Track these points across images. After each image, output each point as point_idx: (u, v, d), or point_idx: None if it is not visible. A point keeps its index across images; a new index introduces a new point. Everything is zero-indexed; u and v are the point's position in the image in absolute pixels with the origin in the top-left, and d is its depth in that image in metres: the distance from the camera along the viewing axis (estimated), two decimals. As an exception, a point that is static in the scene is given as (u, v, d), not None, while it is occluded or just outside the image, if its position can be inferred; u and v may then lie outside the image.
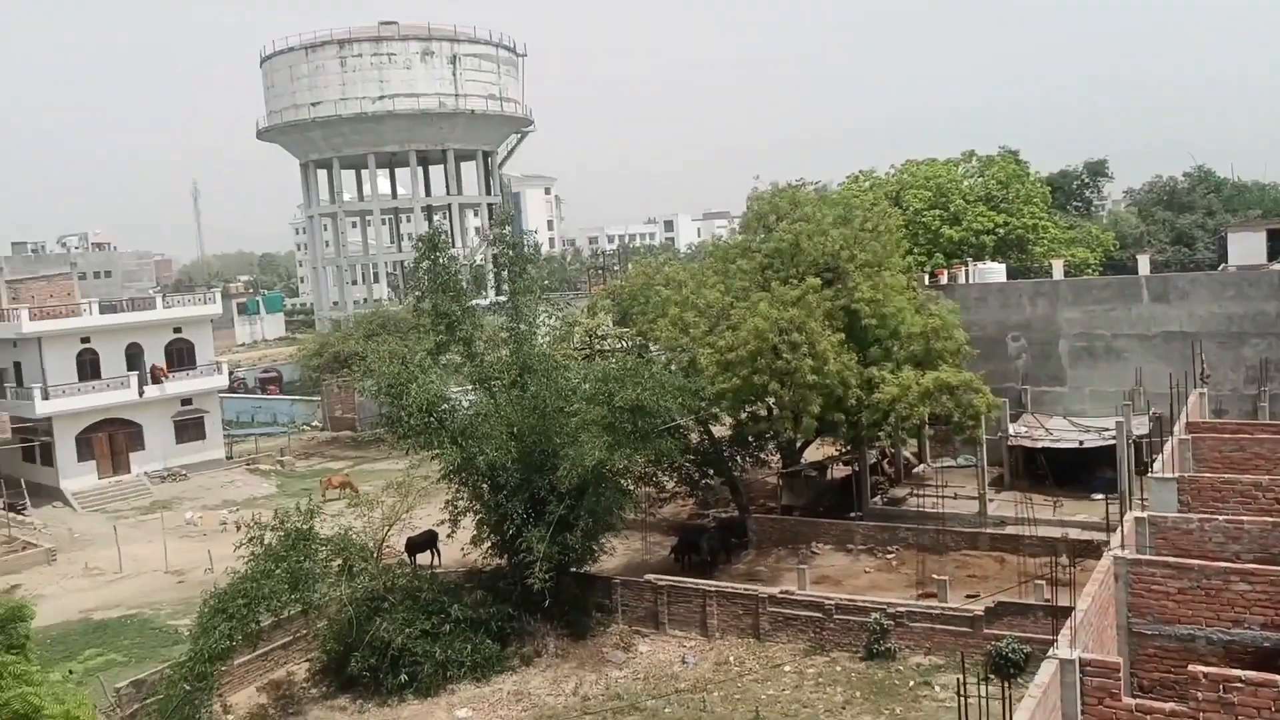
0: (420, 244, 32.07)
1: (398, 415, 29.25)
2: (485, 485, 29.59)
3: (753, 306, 31.87)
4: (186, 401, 55.10)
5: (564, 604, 28.84)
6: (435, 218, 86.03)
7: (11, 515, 45.90)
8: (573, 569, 30.01)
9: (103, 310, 53.70)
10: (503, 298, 33.35)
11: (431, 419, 28.91)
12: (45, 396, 49.86)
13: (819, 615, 27.67)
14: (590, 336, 37.29)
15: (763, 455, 40.86)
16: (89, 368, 52.33)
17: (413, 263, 34.59)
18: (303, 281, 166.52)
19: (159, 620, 33.20)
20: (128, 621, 33.17)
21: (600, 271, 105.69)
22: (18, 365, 52.53)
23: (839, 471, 40.86)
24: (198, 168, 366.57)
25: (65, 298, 58.11)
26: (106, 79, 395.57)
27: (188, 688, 22.94)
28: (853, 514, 36.23)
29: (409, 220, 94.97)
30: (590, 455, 26.43)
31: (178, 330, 55.70)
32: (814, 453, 40.63)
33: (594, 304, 42.11)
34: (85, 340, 52.25)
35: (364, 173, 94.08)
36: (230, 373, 67.17)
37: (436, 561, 34.82)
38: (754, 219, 38.86)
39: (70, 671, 27.64)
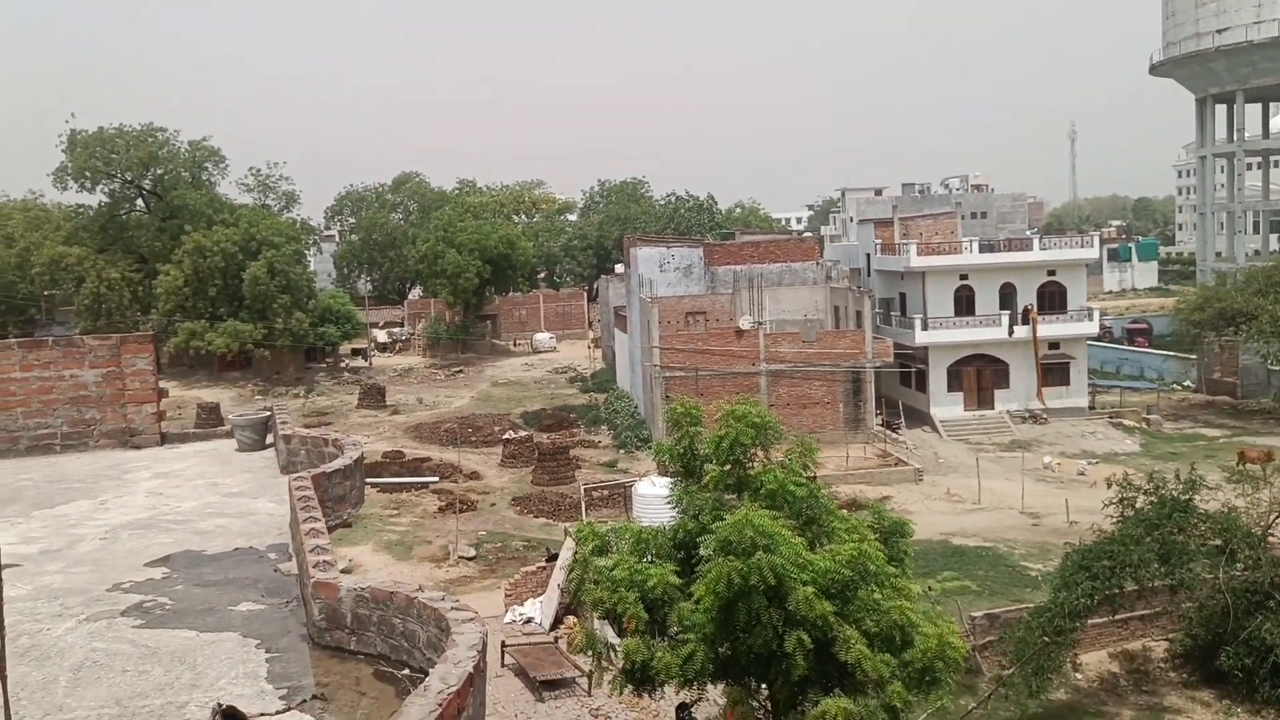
0: None
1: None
2: None
3: None
4: (1054, 345, 54.55)
5: None
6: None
7: (887, 432, 50.52)
8: None
9: (982, 249, 55.64)
10: None
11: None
12: (924, 327, 53.57)
13: None
14: None
15: None
16: (964, 303, 54.78)
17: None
18: (1180, 229, 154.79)
19: (1012, 558, 33.38)
20: (983, 552, 33.94)
21: None
22: (903, 296, 57.35)
23: None
24: (1076, 108, 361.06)
25: (948, 235, 61.30)
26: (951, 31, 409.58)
27: (1045, 639, 22.36)
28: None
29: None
30: None
31: (1051, 273, 55.26)
32: None
33: None
34: (963, 277, 54.72)
35: (1273, 106, 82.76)
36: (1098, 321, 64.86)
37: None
38: None
39: (930, 588, 28.93)
